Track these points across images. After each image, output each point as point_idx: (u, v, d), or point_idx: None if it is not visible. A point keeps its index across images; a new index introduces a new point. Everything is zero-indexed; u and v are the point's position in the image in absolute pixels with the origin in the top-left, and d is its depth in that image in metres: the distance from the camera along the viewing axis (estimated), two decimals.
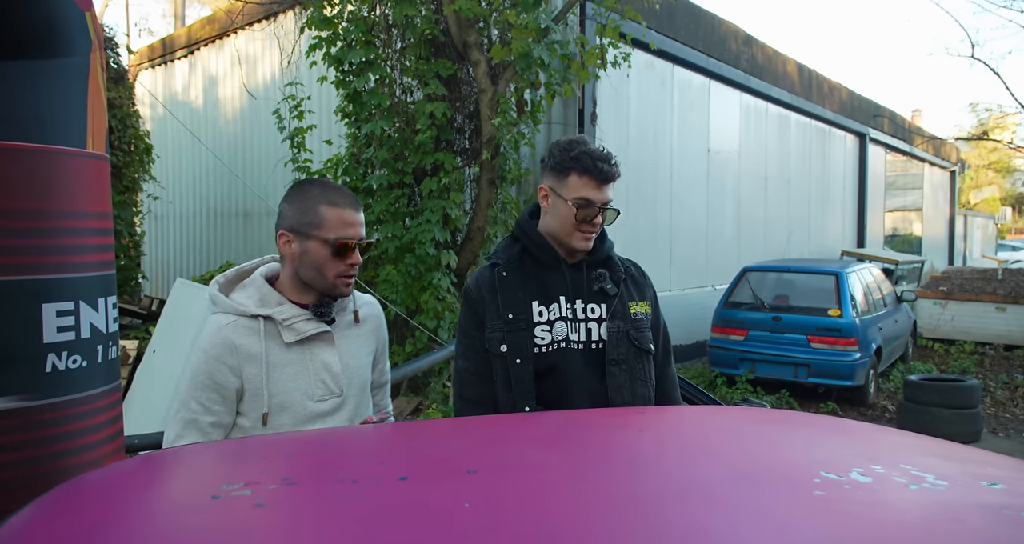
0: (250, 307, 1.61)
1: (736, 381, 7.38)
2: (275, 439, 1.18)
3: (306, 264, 1.61)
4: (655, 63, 8.22)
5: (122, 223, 7.42)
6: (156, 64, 11.31)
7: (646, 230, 8.11)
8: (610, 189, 1.85)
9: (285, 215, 1.64)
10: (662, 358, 1.96)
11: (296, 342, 1.61)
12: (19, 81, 2.78)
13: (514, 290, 1.85)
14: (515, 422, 1.20)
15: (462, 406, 1.95)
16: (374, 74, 5.74)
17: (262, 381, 1.56)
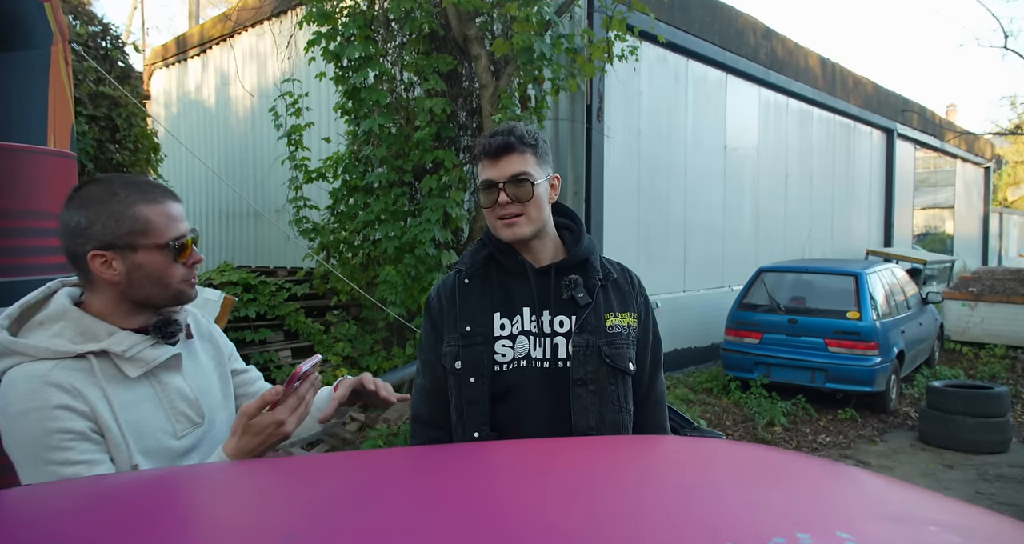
0: (67, 345, 1.26)
1: (751, 386, 7.13)
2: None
3: (140, 281, 1.31)
4: (668, 57, 7.99)
5: None
6: (170, 63, 11.32)
7: (658, 227, 7.89)
8: (513, 162, 1.58)
9: (88, 232, 1.27)
10: (649, 378, 1.72)
11: (143, 374, 1.31)
12: None
13: (476, 300, 1.65)
14: (395, 458, 1.03)
15: (417, 428, 1.76)
16: (373, 70, 5.60)
17: (121, 430, 1.25)
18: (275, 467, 1.02)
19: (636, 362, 1.68)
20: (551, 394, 1.59)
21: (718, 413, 6.71)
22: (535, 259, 1.67)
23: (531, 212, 1.59)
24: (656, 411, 1.74)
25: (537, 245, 1.66)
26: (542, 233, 1.64)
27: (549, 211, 1.66)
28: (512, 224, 1.59)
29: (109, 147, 7.21)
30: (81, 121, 6.80)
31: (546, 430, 1.58)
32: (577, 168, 6.73)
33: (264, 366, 5.66)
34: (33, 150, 2.86)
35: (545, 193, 1.63)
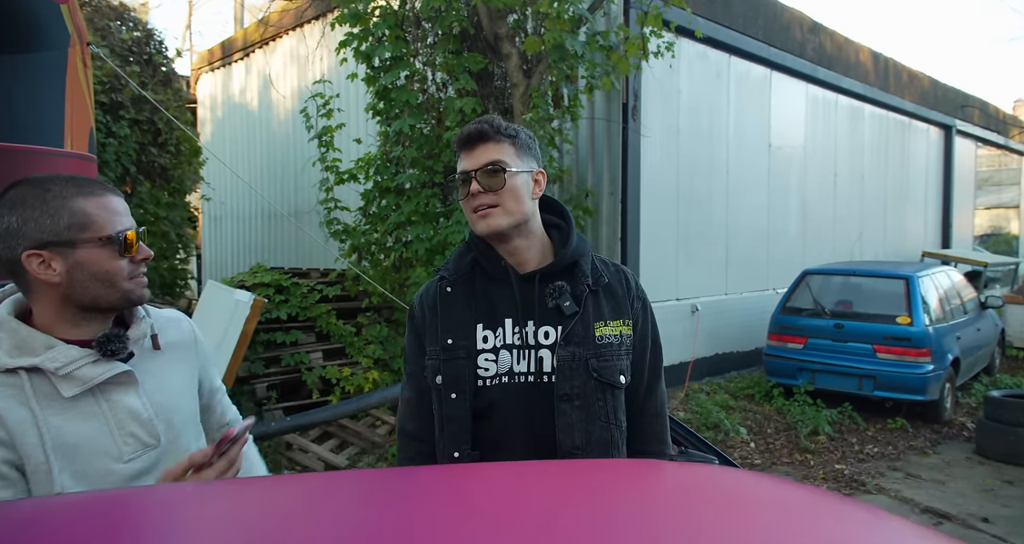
0: (1, 359, 1.18)
1: (794, 392, 6.87)
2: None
3: (83, 281, 1.22)
4: (709, 53, 7.76)
5: (169, 224, 7.52)
6: (216, 67, 11.54)
7: (699, 228, 7.67)
8: (488, 150, 1.49)
9: (22, 231, 1.19)
10: (647, 388, 1.59)
11: (83, 393, 1.21)
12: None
13: (458, 309, 1.53)
14: (341, 483, 0.94)
15: (403, 441, 1.65)
16: (403, 70, 5.56)
17: (47, 455, 1.16)
18: (188, 491, 0.93)
19: (633, 371, 1.56)
20: (536, 411, 1.47)
21: (759, 420, 6.47)
22: (520, 263, 1.54)
23: (507, 203, 1.47)
24: (654, 423, 1.61)
25: (521, 245, 1.53)
26: (524, 230, 1.52)
27: (532, 207, 1.54)
28: (486, 215, 1.47)
29: (151, 150, 7.36)
30: (124, 125, 6.95)
31: (531, 448, 1.47)
32: (613, 168, 6.58)
33: (295, 368, 5.67)
34: (50, 152, 2.87)
35: (525, 185, 1.51)
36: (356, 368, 5.81)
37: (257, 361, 5.52)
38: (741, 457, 5.63)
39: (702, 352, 7.56)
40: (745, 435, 5.97)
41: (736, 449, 5.75)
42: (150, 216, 7.18)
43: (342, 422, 5.33)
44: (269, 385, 5.54)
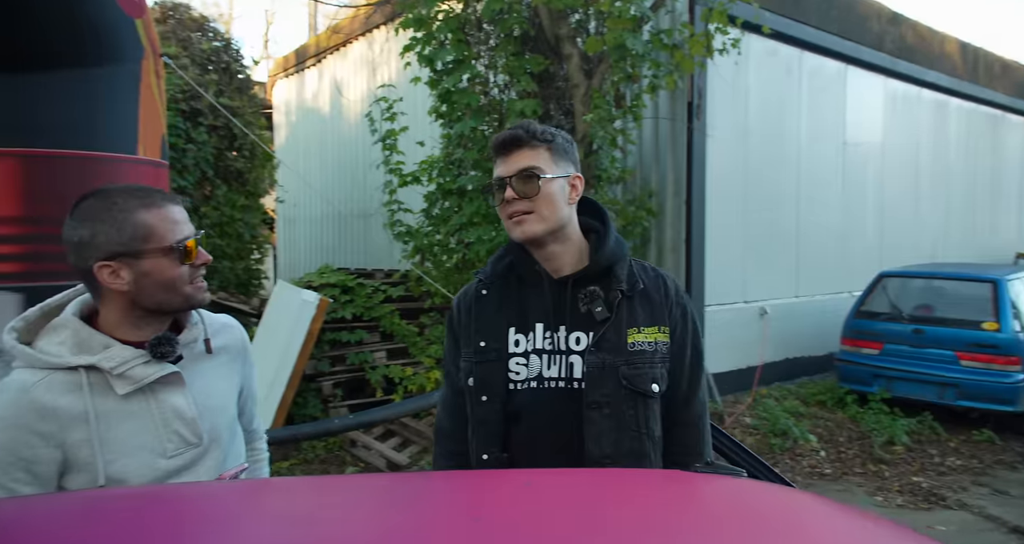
0: (65, 356, 1.27)
1: (869, 400, 6.59)
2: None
3: (149, 288, 1.30)
4: (779, 49, 7.52)
5: (244, 226, 7.82)
6: (290, 73, 11.92)
7: (768, 229, 7.44)
8: (523, 156, 1.48)
9: (93, 243, 1.28)
10: (684, 398, 1.56)
11: (135, 391, 1.29)
12: (67, 89, 2.85)
13: (491, 312, 1.55)
14: (363, 485, 0.95)
15: (438, 439, 1.70)
16: (465, 73, 5.60)
17: (94, 448, 1.24)
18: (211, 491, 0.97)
19: (670, 380, 1.53)
20: (565, 417, 1.46)
21: (831, 428, 6.24)
22: (555, 267, 1.53)
23: (542, 210, 1.47)
24: (690, 434, 1.57)
25: (557, 250, 1.52)
26: (560, 236, 1.51)
27: (568, 212, 1.53)
28: (521, 222, 1.47)
29: (227, 155, 7.68)
30: (202, 131, 7.28)
31: (560, 455, 1.46)
32: (677, 168, 6.47)
33: (359, 367, 5.80)
34: (124, 159, 3.03)
35: (560, 191, 1.50)
36: (418, 368, 5.90)
37: (323, 360, 5.68)
38: (810, 466, 5.44)
39: (771, 356, 7.34)
40: (815, 443, 5.76)
41: (805, 457, 5.56)
42: (226, 218, 7.49)
43: (404, 420, 5.42)
44: (335, 383, 5.69)
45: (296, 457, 5.23)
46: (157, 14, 8.19)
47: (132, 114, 3.04)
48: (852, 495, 4.98)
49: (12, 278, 2.80)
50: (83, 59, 2.90)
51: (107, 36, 2.92)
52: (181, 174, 6.95)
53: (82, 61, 2.91)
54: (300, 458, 5.22)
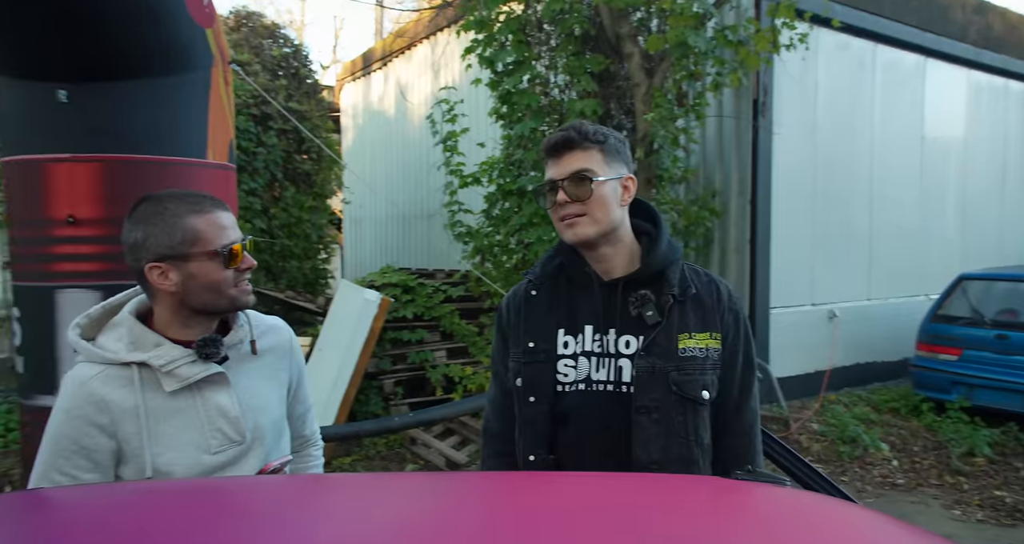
0: (120, 352, 1.34)
1: (947, 408, 6.28)
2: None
3: (196, 290, 1.36)
4: (851, 43, 7.26)
5: (311, 227, 8.05)
6: (357, 77, 12.18)
7: (838, 229, 7.19)
8: (575, 158, 1.46)
9: (145, 245, 1.35)
10: (735, 406, 1.53)
11: (182, 389, 1.36)
12: (143, 97, 2.99)
13: (541, 313, 1.55)
14: (394, 484, 0.96)
15: (485, 440, 1.71)
16: (525, 73, 5.62)
17: (142, 441, 1.31)
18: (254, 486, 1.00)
19: (720, 387, 1.50)
20: (613, 421, 1.45)
21: (904, 437, 5.98)
22: (605, 269, 1.52)
23: (594, 212, 1.45)
24: (741, 442, 1.53)
25: (608, 252, 1.51)
26: (612, 238, 1.50)
27: (620, 214, 1.51)
28: (573, 225, 1.46)
29: (296, 157, 7.91)
30: (272, 135, 7.53)
31: (608, 458, 1.45)
32: (742, 167, 6.32)
33: (420, 365, 5.89)
34: (194, 163, 3.16)
35: (613, 193, 1.48)
36: (478, 367, 5.94)
37: (385, 358, 5.78)
38: (881, 475, 5.23)
39: (841, 361, 7.09)
40: (887, 451, 5.53)
41: (876, 466, 5.35)
42: (294, 219, 7.72)
43: (463, 419, 5.47)
44: (396, 381, 5.79)
45: (358, 453, 5.34)
46: (231, 22, 8.52)
47: (202, 120, 3.16)
48: (927, 507, 4.76)
49: (93, 276, 2.96)
50: (158, 68, 3.04)
51: (180, 46, 3.05)
52: (252, 177, 7.20)
53: (157, 70, 3.04)
54: (362, 454, 5.34)
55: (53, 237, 2.97)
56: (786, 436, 5.62)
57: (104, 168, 2.95)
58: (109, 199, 2.92)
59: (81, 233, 2.93)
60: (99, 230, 2.92)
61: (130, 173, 2.97)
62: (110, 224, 2.89)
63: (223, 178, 3.32)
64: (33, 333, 3.07)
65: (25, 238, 3.08)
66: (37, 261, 3.04)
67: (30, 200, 3.01)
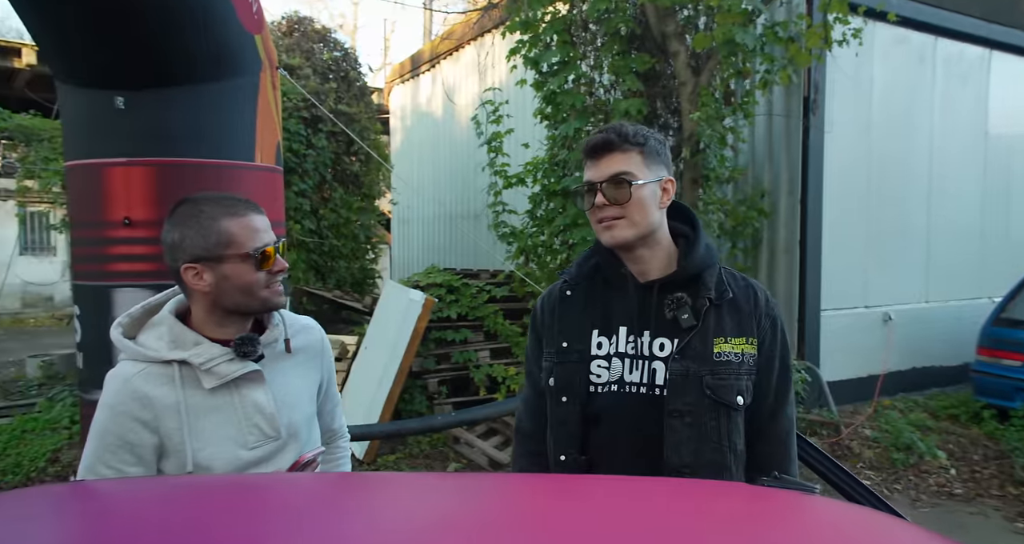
0: (161, 351, 1.39)
1: (1010, 416, 6.03)
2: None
3: (228, 291, 1.40)
4: (910, 37, 7.02)
5: (360, 227, 8.18)
6: (406, 79, 12.33)
7: (893, 228, 6.96)
8: (615, 161, 1.46)
9: (182, 246, 1.39)
10: (769, 412, 1.51)
11: (220, 386, 1.40)
12: (190, 103, 3.09)
13: (575, 313, 1.55)
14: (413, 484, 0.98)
15: (517, 439, 1.73)
16: (570, 73, 5.60)
17: (184, 436, 1.36)
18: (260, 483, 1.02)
19: (756, 393, 1.48)
20: (645, 423, 1.44)
21: (963, 445, 5.76)
22: (641, 271, 1.52)
23: (633, 215, 1.45)
24: (776, 450, 1.51)
25: (645, 254, 1.51)
26: (650, 240, 1.50)
27: (659, 216, 1.51)
28: (612, 227, 1.46)
29: (345, 159, 8.05)
30: (322, 137, 7.67)
31: (640, 460, 1.44)
32: (792, 166, 6.18)
33: (464, 365, 5.93)
34: (243, 166, 3.25)
35: (652, 196, 1.48)
36: (521, 367, 5.95)
37: (429, 358, 5.84)
38: (938, 484, 5.06)
39: (896, 365, 6.87)
40: (944, 460, 5.34)
41: (932, 475, 5.17)
42: (342, 219, 7.86)
43: (506, 419, 5.49)
44: (440, 381, 5.84)
45: (402, 451, 5.41)
46: (284, 27, 8.72)
47: (250, 123, 3.25)
48: (986, 519, 4.59)
49: (147, 276, 3.07)
50: (209, 74, 3.14)
51: (230, 52, 3.14)
52: (302, 178, 7.36)
53: (209, 76, 3.14)
54: (406, 453, 5.40)
55: (110, 238, 3.09)
56: (837, 441, 5.48)
57: (157, 171, 3.06)
58: (162, 201, 3.03)
59: (136, 234, 3.05)
60: (152, 231, 3.03)
61: (181, 176, 3.07)
62: (162, 226, 3.00)
63: (270, 180, 3.41)
64: (91, 330, 3.20)
65: (85, 239, 3.21)
66: (95, 261, 3.17)
67: (90, 203, 3.14)
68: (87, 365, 3.26)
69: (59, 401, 6.57)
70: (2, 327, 14.50)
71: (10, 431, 5.90)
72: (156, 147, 3.07)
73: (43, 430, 5.97)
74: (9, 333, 13.65)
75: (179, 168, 3.07)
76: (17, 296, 16.49)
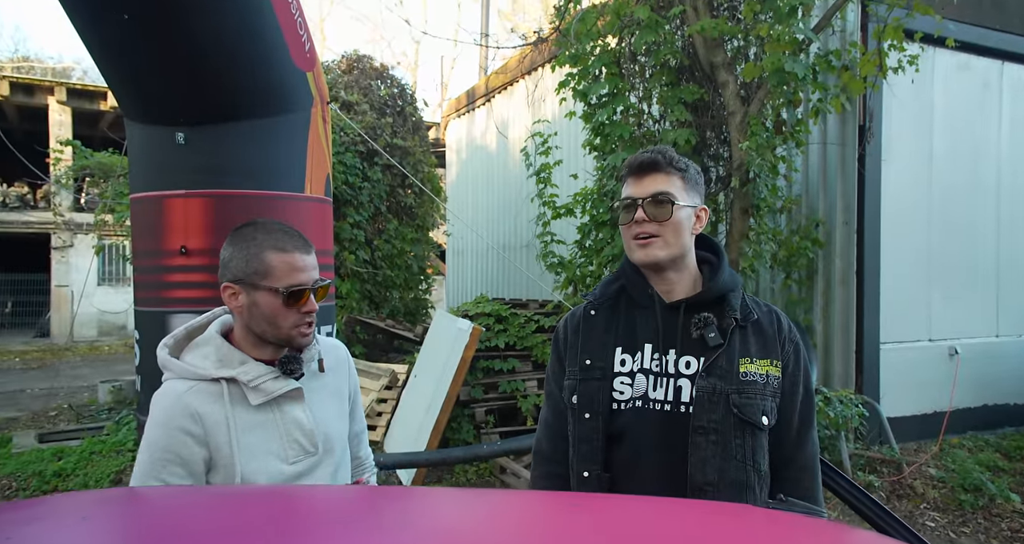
0: (209, 369, 1.45)
1: None
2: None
3: (256, 317, 1.48)
4: (972, 63, 6.83)
5: (413, 258, 8.34)
6: (462, 113, 12.61)
7: (959, 260, 6.70)
8: (658, 180, 1.50)
9: (228, 265, 1.48)
10: (796, 437, 1.51)
11: (264, 403, 1.47)
12: (246, 137, 3.24)
13: (598, 332, 1.58)
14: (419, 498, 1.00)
15: (536, 460, 1.74)
16: (618, 105, 5.65)
17: (232, 450, 1.42)
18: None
19: (780, 417, 1.48)
20: (669, 440, 1.45)
21: None
22: (668, 292, 1.55)
23: (668, 236, 1.50)
24: (803, 477, 1.50)
25: (673, 276, 1.55)
26: (679, 263, 1.54)
27: (690, 241, 1.56)
28: (647, 245, 1.50)
29: (399, 191, 8.25)
30: (377, 170, 7.89)
31: (663, 478, 1.45)
32: (848, 196, 6.04)
33: (511, 394, 5.93)
34: (293, 196, 3.38)
35: (687, 220, 1.53)
36: None
37: (477, 386, 5.87)
38: (1011, 529, 4.76)
39: (965, 402, 6.55)
40: (1018, 503, 5.04)
41: (1004, 519, 4.87)
42: (396, 250, 8.02)
43: None
44: (487, 410, 5.85)
45: (448, 480, 5.42)
46: (343, 65, 9.06)
47: (302, 157, 3.39)
48: None
49: (202, 303, 3.21)
50: (264, 110, 3.30)
51: (284, 90, 3.30)
52: (357, 210, 7.57)
53: (263, 112, 3.30)
54: (452, 481, 5.41)
55: (168, 266, 3.25)
56: (898, 480, 5.23)
57: (214, 203, 3.22)
58: (217, 231, 3.18)
59: (192, 262, 3.20)
60: (207, 260, 3.18)
61: (236, 207, 3.21)
62: (216, 254, 3.14)
63: (319, 211, 3.53)
64: (150, 354, 3.35)
65: (145, 267, 3.38)
66: (154, 288, 3.33)
67: (151, 233, 3.31)
68: (144, 388, 3.41)
69: (125, 424, 6.84)
70: (79, 354, 15.23)
71: (79, 453, 6.17)
72: (213, 180, 3.23)
73: (109, 452, 6.22)
74: (85, 360, 14.31)
75: (233, 199, 3.22)
76: (94, 324, 17.33)
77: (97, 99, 17.11)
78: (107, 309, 16.95)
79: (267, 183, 3.26)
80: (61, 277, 16.87)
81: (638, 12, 5.31)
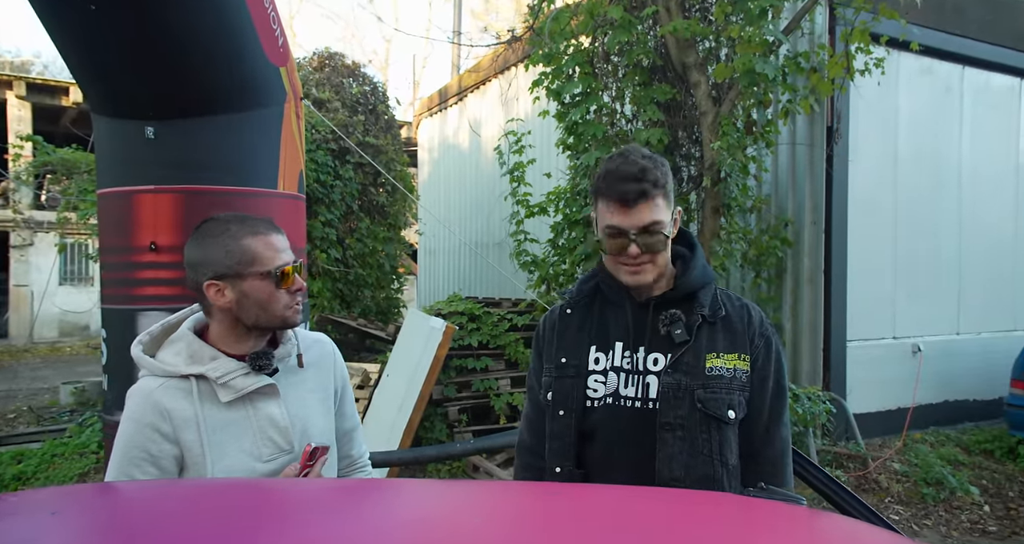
0: (179, 366, 1.44)
1: None
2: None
3: (248, 307, 1.46)
4: (935, 67, 7.00)
5: (385, 257, 8.29)
6: (434, 112, 12.57)
7: (923, 260, 6.86)
8: (649, 209, 1.44)
9: (205, 263, 1.45)
10: (764, 430, 1.52)
11: (236, 399, 1.44)
12: (217, 132, 3.19)
13: (573, 331, 1.60)
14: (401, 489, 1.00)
15: (518, 452, 1.76)
16: (591, 104, 5.68)
17: (203, 448, 1.40)
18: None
19: (749, 411, 1.50)
20: (639, 436, 1.47)
21: (998, 481, 5.58)
22: (636, 291, 1.55)
23: (658, 260, 1.51)
24: (774, 471, 1.51)
25: None
26: None
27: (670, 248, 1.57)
28: (638, 272, 1.49)
29: (372, 190, 8.19)
30: (349, 168, 7.83)
31: (633, 474, 1.46)
32: (816, 196, 6.14)
33: (484, 393, 5.93)
34: (266, 193, 3.33)
35: (670, 233, 1.52)
36: None
37: (450, 385, 5.85)
38: (970, 521, 4.89)
39: (927, 398, 6.71)
40: (977, 496, 5.18)
41: (964, 511, 5.01)
42: (368, 249, 7.96)
43: None
44: (460, 408, 5.84)
45: (421, 479, 5.40)
46: (315, 63, 8.97)
47: (274, 152, 3.35)
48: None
49: (171, 300, 3.15)
50: (236, 105, 3.25)
51: (256, 84, 3.25)
52: (328, 208, 7.51)
53: (235, 107, 3.25)
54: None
55: (137, 263, 3.18)
56: (864, 475, 5.34)
57: (184, 198, 3.16)
58: (187, 227, 3.12)
59: (161, 259, 3.14)
60: (177, 256, 3.11)
61: (206, 203, 3.16)
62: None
63: (293, 207, 3.49)
64: (117, 353, 3.28)
65: (113, 264, 3.31)
66: (123, 285, 3.26)
67: (119, 229, 3.24)
68: (112, 387, 3.34)
69: (88, 426, 6.69)
70: (39, 355, 14.86)
71: (40, 455, 6.02)
72: (183, 175, 3.17)
73: (72, 454, 6.08)
74: (46, 361, 13.98)
75: (205, 195, 3.16)
76: (55, 325, 16.93)
77: (59, 94, 16.73)
78: (69, 309, 16.57)
79: (239, 179, 3.22)
80: (20, 276, 16.46)
81: (611, 12, 5.35)
